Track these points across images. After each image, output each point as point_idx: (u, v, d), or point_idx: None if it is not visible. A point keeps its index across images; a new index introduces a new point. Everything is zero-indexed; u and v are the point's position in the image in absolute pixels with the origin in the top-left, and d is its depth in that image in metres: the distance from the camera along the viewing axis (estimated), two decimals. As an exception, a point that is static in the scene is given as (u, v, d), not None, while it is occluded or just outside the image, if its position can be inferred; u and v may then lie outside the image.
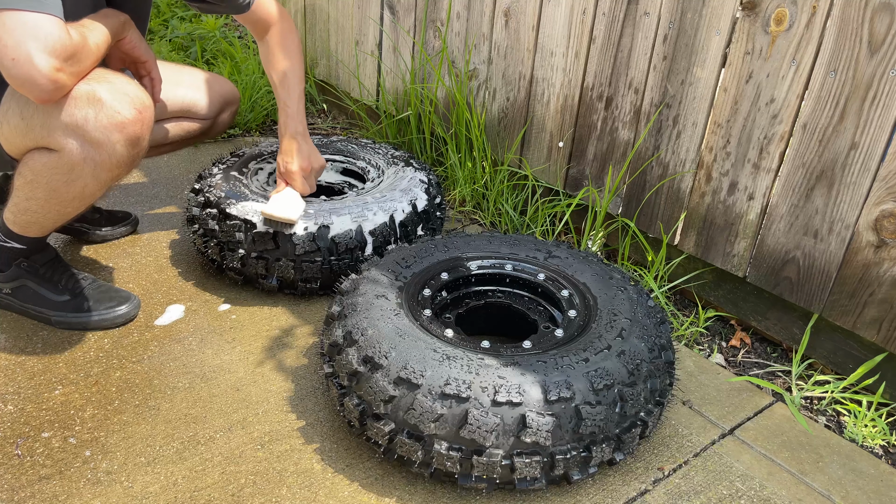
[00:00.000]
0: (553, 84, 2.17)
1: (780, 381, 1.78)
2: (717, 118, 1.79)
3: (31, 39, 1.28)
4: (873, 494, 1.44)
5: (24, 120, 1.46)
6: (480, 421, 1.24)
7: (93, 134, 1.42)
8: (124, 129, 1.44)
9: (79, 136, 1.42)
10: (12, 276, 1.71)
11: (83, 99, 1.41)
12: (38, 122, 1.44)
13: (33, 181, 1.51)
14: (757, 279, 1.82)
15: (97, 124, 1.42)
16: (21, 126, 1.47)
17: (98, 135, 1.43)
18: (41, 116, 1.43)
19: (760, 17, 1.66)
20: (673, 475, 1.44)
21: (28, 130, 1.47)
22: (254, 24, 1.90)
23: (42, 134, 1.44)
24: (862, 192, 1.58)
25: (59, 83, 1.34)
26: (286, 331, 1.80)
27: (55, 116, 1.41)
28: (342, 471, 1.40)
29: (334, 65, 3.06)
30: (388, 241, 1.87)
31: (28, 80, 1.30)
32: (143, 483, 1.35)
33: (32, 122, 1.45)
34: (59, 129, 1.42)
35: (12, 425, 1.46)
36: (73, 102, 1.40)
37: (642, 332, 1.44)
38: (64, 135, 1.42)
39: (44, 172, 1.49)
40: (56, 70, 1.32)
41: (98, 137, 1.43)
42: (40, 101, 1.36)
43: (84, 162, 1.45)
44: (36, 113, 1.44)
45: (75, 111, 1.41)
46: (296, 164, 1.89)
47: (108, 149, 1.45)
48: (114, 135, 1.44)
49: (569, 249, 1.74)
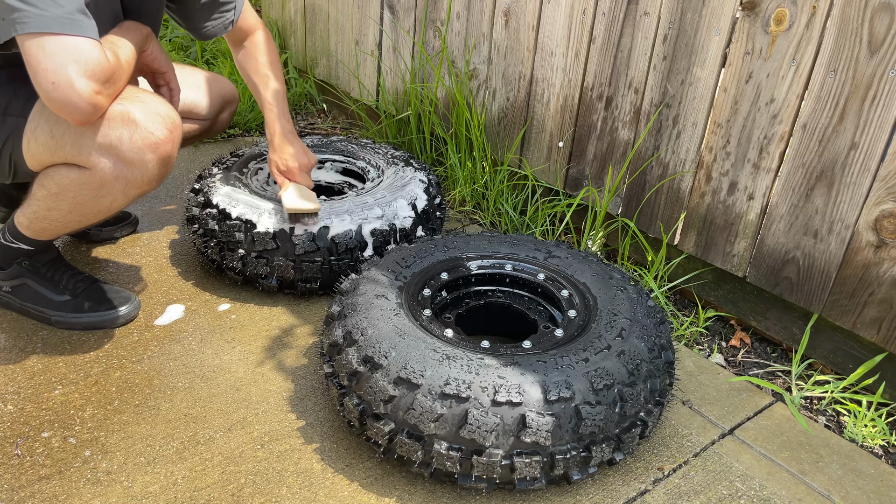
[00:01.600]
0: (553, 84, 2.17)
1: (779, 381, 1.78)
2: (717, 118, 1.79)
3: (71, 63, 1.28)
4: (873, 494, 1.44)
5: (55, 138, 1.45)
6: (480, 421, 1.24)
7: (127, 154, 1.43)
8: (158, 149, 1.45)
9: (112, 155, 1.43)
10: (13, 274, 1.71)
11: (117, 119, 1.41)
12: (70, 140, 1.43)
13: (58, 195, 1.51)
14: (757, 279, 1.82)
15: (132, 145, 1.43)
16: (50, 144, 1.46)
17: (132, 155, 1.44)
18: (73, 136, 1.43)
19: (760, 17, 1.66)
20: (673, 475, 1.44)
21: (58, 148, 1.46)
22: (235, 34, 1.94)
23: (73, 152, 1.44)
24: (862, 192, 1.58)
25: (98, 105, 1.34)
26: (286, 331, 1.80)
27: (89, 136, 1.42)
28: (342, 471, 1.40)
29: (334, 65, 3.06)
30: (387, 241, 1.87)
31: (68, 103, 1.30)
32: (142, 483, 1.35)
33: (63, 141, 1.44)
34: (93, 149, 1.42)
35: (12, 425, 1.46)
36: (107, 123, 1.41)
37: (642, 331, 1.44)
38: (97, 154, 1.43)
39: (71, 188, 1.49)
40: (95, 93, 1.33)
41: (132, 157, 1.44)
42: (79, 123, 1.37)
43: (116, 180, 1.46)
44: (67, 132, 1.43)
45: (109, 132, 1.41)
46: (295, 161, 1.92)
47: (140, 168, 1.46)
48: (147, 154, 1.45)
49: (569, 249, 1.74)
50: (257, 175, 2.09)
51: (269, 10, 3.38)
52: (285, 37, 3.32)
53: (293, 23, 3.24)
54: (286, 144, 1.93)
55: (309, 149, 2.00)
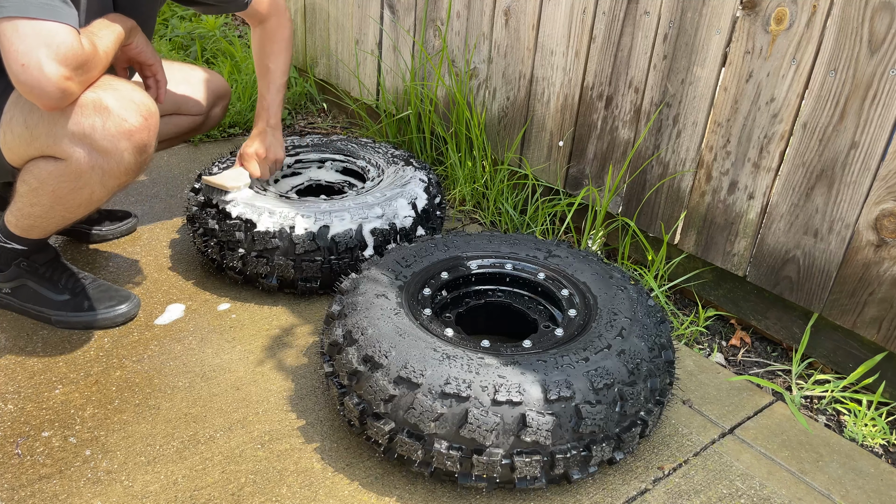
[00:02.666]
0: (553, 83, 2.16)
1: (780, 381, 1.78)
2: (718, 117, 1.79)
3: (42, 47, 1.28)
4: (873, 494, 1.44)
5: (29, 129, 1.44)
6: (480, 420, 1.24)
7: (100, 142, 1.42)
8: (132, 136, 1.44)
9: (86, 144, 1.41)
10: (12, 275, 1.71)
11: (90, 107, 1.40)
12: (44, 130, 1.42)
13: (38, 189, 1.50)
14: (757, 278, 1.82)
15: (105, 133, 1.41)
16: (25, 135, 1.45)
17: (106, 143, 1.42)
18: (46, 125, 1.42)
19: (761, 17, 1.66)
20: (673, 474, 1.44)
21: (33, 139, 1.45)
22: (251, 17, 1.97)
23: (48, 143, 1.43)
24: (862, 191, 1.58)
25: (66, 91, 1.33)
26: (286, 330, 1.80)
27: (61, 125, 1.40)
28: (342, 470, 1.40)
29: (334, 64, 3.05)
30: (387, 240, 1.87)
31: (36, 86, 1.29)
32: (143, 482, 1.35)
33: (37, 131, 1.43)
34: (66, 137, 1.41)
35: (12, 424, 1.46)
36: (79, 111, 1.39)
37: (642, 331, 1.44)
38: (71, 143, 1.41)
39: (49, 180, 1.48)
40: (65, 78, 1.32)
41: (106, 146, 1.42)
42: (47, 108, 1.35)
43: (92, 170, 1.45)
44: (41, 122, 1.42)
45: (82, 119, 1.40)
46: (252, 148, 1.96)
47: (115, 157, 1.44)
48: (122, 143, 1.43)
49: (569, 249, 1.74)
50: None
51: (269, 9, 3.37)
52: (285, 36, 3.32)
53: (293, 22, 3.23)
54: (257, 134, 1.99)
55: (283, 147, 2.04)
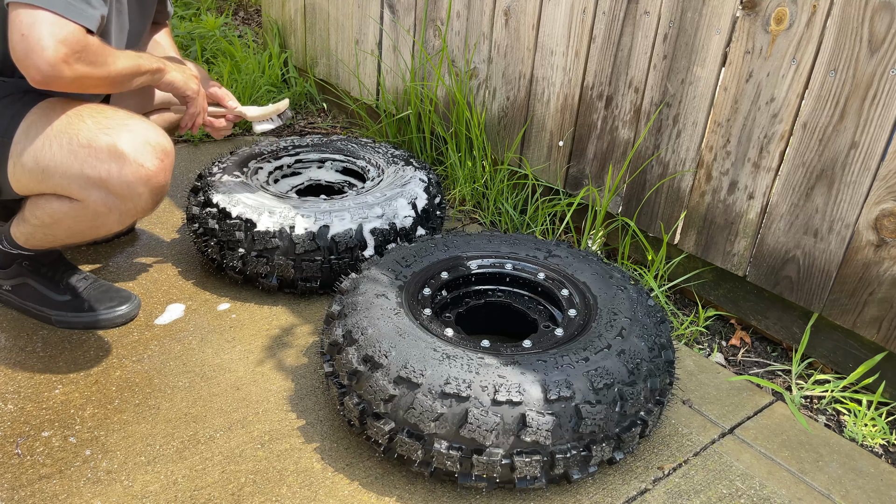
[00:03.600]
0: (553, 83, 2.16)
1: (779, 381, 1.78)
2: (718, 117, 1.79)
3: (47, 24, 1.26)
4: (873, 493, 1.44)
5: (40, 166, 1.39)
6: (480, 420, 1.24)
7: (117, 188, 1.39)
8: (149, 181, 1.41)
9: (102, 189, 1.39)
10: (13, 273, 1.71)
11: (105, 152, 1.37)
12: (58, 172, 1.39)
13: (52, 225, 1.48)
14: (757, 278, 1.82)
15: (121, 179, 1.38)
16: (36, 171, 1.41)
17: (123, 189, 1.40)
18: (60, 167, 1.38)
19: (760, 17, 1.66)
20: (673, 474, 1.44)
21: (44, 178, 1.40)
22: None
23: (62, 184, 1.39)
24: (862, 191, 1.58)
25: (58, 71, 1.28)
26: (286, 330, 1.80)
27: (76, 170, 1.37)
28: (342, 470, 1.40)
29: (334, 64, 3.05)
30: (387, 240, 1.87)
31: (31, 54, 1.26)
32: (143, 482, 1.35)
33: (49, 171, 1.39)
34: (82, 182, 1.38)
35: (12, 424, 1.46)
36: (94, 156, 1.37)
37: (642, 331, 1.44)
38: (86, 188, 1.39)
39: (64, 220, 1.46)
40: (61, 59, 1.28)
41: (123, 192, 1.40)
42: (35, 81, 1.29)
43: (109, 212, 1.43)
44: (53, 162, 1.38)
45: (98, 165, 1.37)
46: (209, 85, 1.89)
47: (132, 201, 1.42)
48: (139, 188, 1.41)
49: (569, 249, 1.74)
50: (257, 174, 2.09)
51: (269, 9, 3.38)
52: (285, 36, 3.32)
53: (293, 22, 3.23)
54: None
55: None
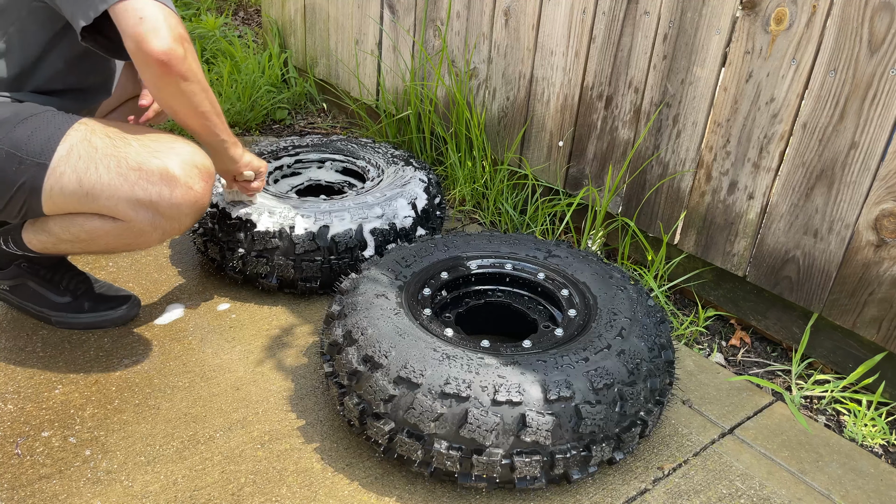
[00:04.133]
0: (553, 83, 2.16)
1: (779, 381, 1.78)
2: (717, 117, 1.79)
3: (159, 9, 1.33)
4: (873, 494, 1.44)
5: (84, 189, 1.42)
6: (480, 420, 1.24)
7: (166, 210, 1.44)
8: (196, 203, 1.47)
9: (151, 210, 1.44)
10: (11, 274, 1.71)
11: (156, 175, 1.42)
12: (104, 194, 1.42)
13: (89, 241, 1.51)
14: (757, 278, 1.82)
15: (171, 201, 1.44)
16: (78, 195, 1.43)
17: (171, 210, 1.45)
18: (108, 189, 1.41)
19: (760, 17, 1.66)
20: (673, 474, 1.44)
21: (87, 201, 1.43)
22: None
23: (107, 205, 1.43)
24: (862, 191, 1.58)
25: (174, 51, 1.35)
26: (286, 330, 1.80)
27: (125, 191, 1.41)
28: (342, 470, 1.40)
29: (334, 64, 3.05)
30: (387, 240, 1.87)
31: (151, 34, 1.32)
32: (143, 482, 1.35)
33: (95, 193, 1.42)
34: (131, 203, 1.42)
35: (12, 424, 1.46)
36: (146, 178, 1.41)
37: (642, 331, 1.44)
38: (135, 209, 1.43)
39: (104, 237, 1.49)
40: (177, 39, 1.35)
41: (171, 213, 1.45)
42: (155, 62, 1.35)
43: (154, 230, 1.47)
44: (99, 184, 1.41)
45: (149, 187, 1.42)
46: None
47: (178, 220, 1.48)
48: (186, 209, 1.46)
49: (569, 249, 1.74)
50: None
51: (269, 9, 3.38)
52: (285, 36, 3.32)
53: (293, 22, 3.23)
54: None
55: None
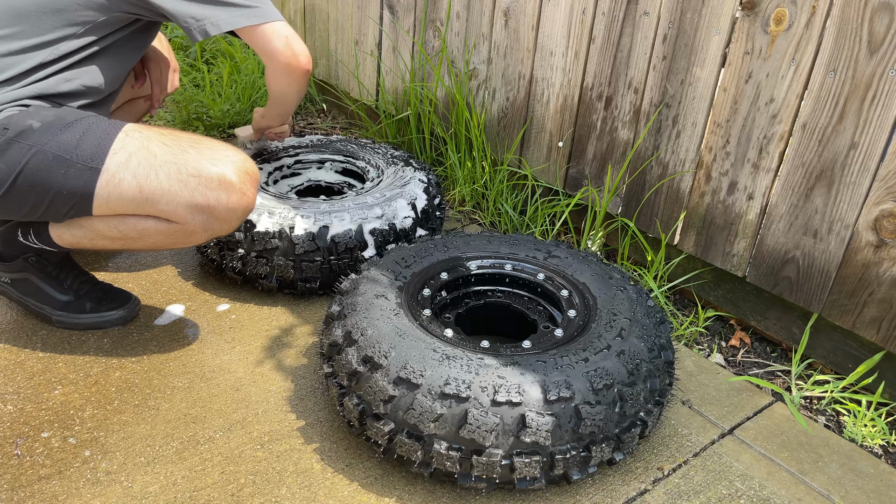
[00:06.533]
0: (553, 84, 2.17)
1: (779, 381, 1.78)
2: (717, 118, 1.79)
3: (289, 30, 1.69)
4: (873, 494, 1.44)
5: (143, 194, 1.48)
6: (480, 421, 1.24)
7: (221, 214, 1.52)
8: (248, 207, 1.56)
9: (206, 213, 1.51)
10: (17, 268, 1.71)
11: (215, 181, 1.49)
12: (164, 199, 1.48)
13: (137, 239, 1.56)
14: (756, 279, 1.82)
15: (227, 206, 1.52)
16: (137, 199, 1.49)
17: (226, 214, 1.53)
18: (167, 194, 1.48)
19: (760, 17, 1.66)
20: (672, 475, 1.44)
21: (147, 204, 1.49)
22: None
23: (164, 209, 1.49)
24: (861, 191, 1.58)
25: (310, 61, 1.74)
26: (286, 330, 1.80)
27: (185, 197, 1.48)
28: (342, 470, 1.40)
29: (334, 64, 3.06)
30: (387, 240, 1.87)
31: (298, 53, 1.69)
32: (142, 483, 1.35)
33: (155, 199, 1.48)
34: (189, 207, 1.49)
35: (12, 425, 1.46)
36: (205, 184, 1.49)
37: (642, 331, 1.44)
38: (191, 212, 1.50)
39: (154, 236, 1.56)
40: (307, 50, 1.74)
41: (225, 216, 1.53)
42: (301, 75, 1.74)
43: (204, 231, 1.55)
44: (159, 190, 1.48)
45: (208, 193, 1.49)
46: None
47: (228, 223, 1.56)
48: (239, 212, 1.55)
49: (568, 249, 1.74)
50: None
51: (269, 9, 3.37)
52: (285, 36, 3.32)
53: (292, 23, 3.23)
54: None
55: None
